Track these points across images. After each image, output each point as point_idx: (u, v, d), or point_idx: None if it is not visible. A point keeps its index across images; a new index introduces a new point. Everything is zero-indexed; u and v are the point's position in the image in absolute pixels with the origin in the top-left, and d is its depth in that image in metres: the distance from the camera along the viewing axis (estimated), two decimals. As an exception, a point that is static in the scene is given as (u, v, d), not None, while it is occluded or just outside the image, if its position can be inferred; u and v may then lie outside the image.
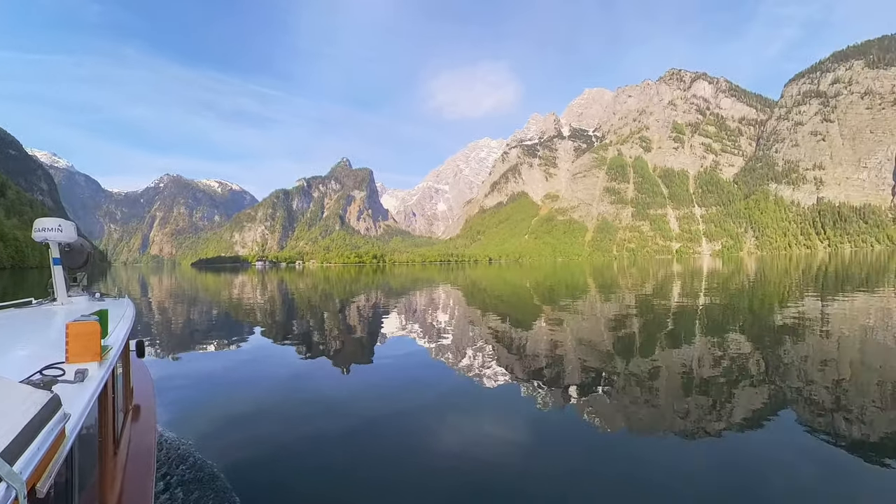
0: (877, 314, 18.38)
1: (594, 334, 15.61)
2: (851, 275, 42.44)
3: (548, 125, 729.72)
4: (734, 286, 35.31)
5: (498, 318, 19.81)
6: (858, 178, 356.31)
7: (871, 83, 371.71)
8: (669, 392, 9.04)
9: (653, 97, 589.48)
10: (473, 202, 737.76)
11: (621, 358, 11.91)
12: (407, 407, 8.26)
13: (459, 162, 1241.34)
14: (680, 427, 7.23)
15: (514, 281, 50.63)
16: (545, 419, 7.79)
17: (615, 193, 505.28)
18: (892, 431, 6.83)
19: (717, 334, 15.01)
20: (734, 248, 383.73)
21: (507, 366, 11.21)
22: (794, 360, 11.27)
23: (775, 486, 5.38)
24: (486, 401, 8.82)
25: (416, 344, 14.21)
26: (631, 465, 6.03)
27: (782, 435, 6.80)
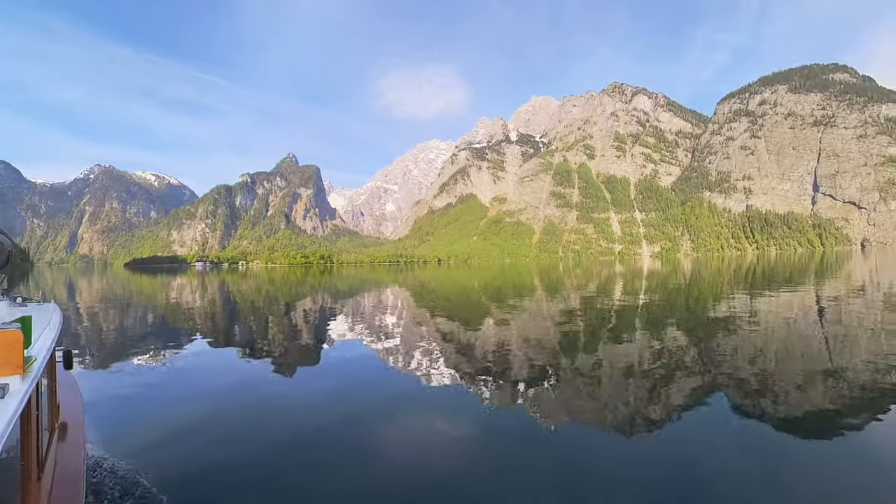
0: (798, 308, 20.21)
1: (540, 332, 15.83)
2: (776, 274, 45.94)
3: (496, 129, 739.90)
4: (672, 285, 37.20)
5: (447, 319, 19.68)
6: (783, 188, 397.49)
7: (794, 106, 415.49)
8: (612, 384, 9.38)
9: (596, 108, 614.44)
10: (422, 203, 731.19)
11: (566, 354, 12.16)
12: (355, 411, 8.04)
13: (408, 162, 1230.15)
14: (622, 417, 7.57)
15: (462, 281, 50.85)
16: (493, 416, 7.84)
17: (561, 197, 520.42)
18: (811, 411, 7.53)
19: (656, 329, 15.82)
20: (672, 250, 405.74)
21: (456, 365, 11.14)
22: (726, 350, 12.15)
23: (709, 466, 5.72)
24: (435, 401, 8.76)
25: (365, 346, 13.90)
26: (576, 456, 6.22)
27: (715, 419, 7.35)
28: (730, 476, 5.48)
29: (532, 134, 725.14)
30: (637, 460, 6.03)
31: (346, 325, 18.19)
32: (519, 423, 7.46)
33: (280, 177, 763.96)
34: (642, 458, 6.07)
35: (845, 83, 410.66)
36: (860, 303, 21.31)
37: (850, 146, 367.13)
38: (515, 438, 6.89)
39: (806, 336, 13.89)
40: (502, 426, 7.38)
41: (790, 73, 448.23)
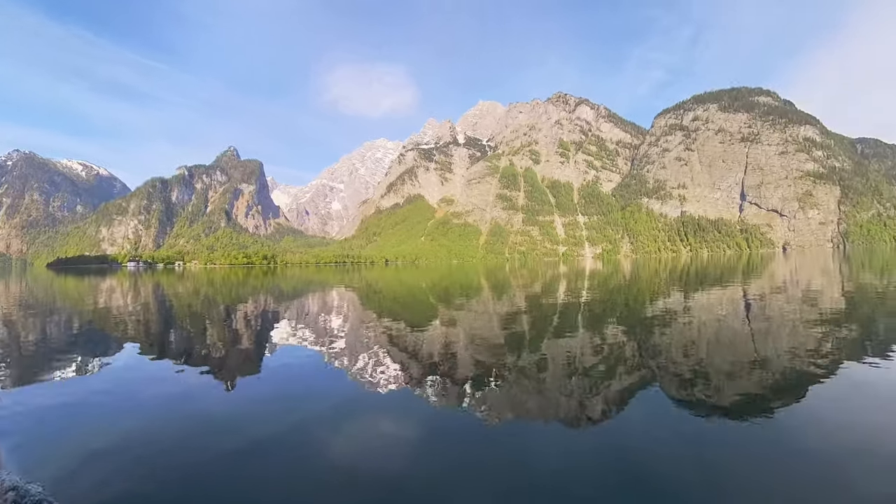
0: (727, 304, 21.89)
1: (487, 332, 15.92)
2: (708, 274, 49.27)
3: (444, 131, 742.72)
4: (612, 284, 38.67)
5: (393, 320, 19.32)
6: (714, 197, 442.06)
7: (723, 123, 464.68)
8: (556, 380, 9.58)
9: (541, 115, 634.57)
10: (369, 202, 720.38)
11: (512, 352, 12.25)
12: (298, 419, 7.72)
13: (355, 161, 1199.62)
14: (566, 411, 7.81)
15: (410, 282, 50.54)
16: (440, 417, 7.79)
17: (507, 200, 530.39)
18: (738, 397, 8.26)
19: (597, 326, 16.38)
20: (613, 252, 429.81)
21: (402, 367, 11.01)
22: (662, 344, 12.92)
23: (648, 453, 6.10)
24: (381, 404, 8.58)
25: (309, 351, 13.38)
26: (521, 452, 6.30)
27: (653, 408, 7.84)
28: (667, 460, 5.93)
29: (479, 137, 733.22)
30: (581, 452, 6.28)
31: (289, 329, 17.44)
32: (465, 423, 7.46)
33: (220, 171, 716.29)
34: (585, 450, 6.33)
35: (768, 105, 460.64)
36: (782, 298, 23.43)
37: (773, 161, 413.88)
38: (462, 438, 6.84)
39: (734, 329, 15.16)
40: (449, 426, 7.33)
41: (720, 93, 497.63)
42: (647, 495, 5.20)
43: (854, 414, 7.40)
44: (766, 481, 5.36)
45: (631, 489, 5.32)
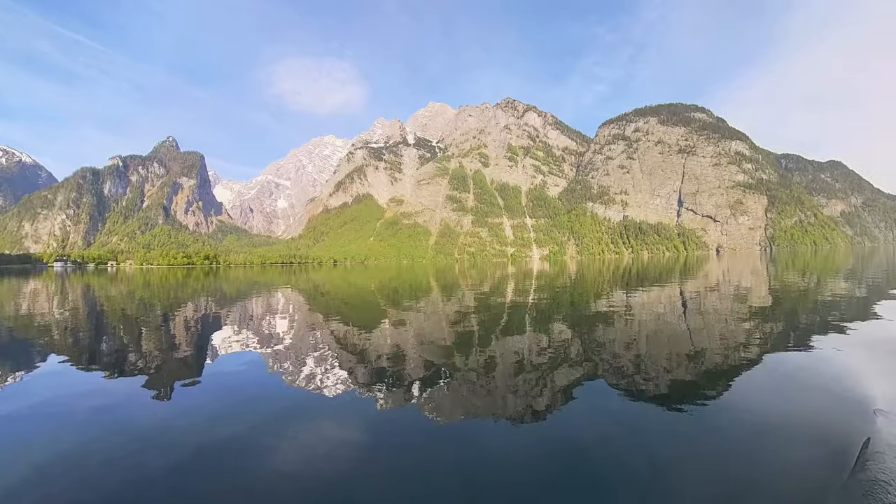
0: (665, 301, 23.35)
1: (436, 332, 15.87)
2: (648, 274, 51.81)
3: (393, 131, 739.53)
4: (559, 284, 39.62)
5: (341, 322, 18.90)
6: (653, 203, 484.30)
7: (662, 135, 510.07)
8: (503, 378, 9.73)
9: (491, 120, 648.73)
10: (317, 201, 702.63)
11: (460, 352, 12.29)
12: (240, 428, 7.33)
13: (302, 157, 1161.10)
14: (513, 408, 7.95)
15: (358, 283, 49.50)
16: (388, 419, 7.68)
17: (457, 202, 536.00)
18: (675, 387, 8.85)
19: (544, 324, 16.83)
20: (559, 253, 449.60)
21: (350, 370, 10.77)
22: (605, 340, 13.55)
23: (592, 443, 6.42)
24: (327, 409, 8.33)
25: (252, 356, 12.76)
26: (469, 450, 6.31)
27: (597, 400, 8.22)
28: (609, 449, 6.26)
29: (429, 139, 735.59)
30: (528, 446, 6.44)
31: (231, 334, 16.59)
32: (413, 424, 7.41)
33: (158, 163, 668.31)
34: (532, 444, 6.49)
35: (703, 121, 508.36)
36: (715, 296, 25.27)
37: (708, 172, 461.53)
38: (410, 439, 6.78)
39: (672, 324, 16.30)
40: (397, 428, 7.25)
41: (659, 108, 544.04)
42: (591, 482, 5.41)
43: (779, 397, 8.28)
44: (701, 462, 5.86)
45: (576, 478, 5.49)
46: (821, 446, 6.15)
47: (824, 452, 5.94)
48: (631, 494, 5.24)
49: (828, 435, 6.53)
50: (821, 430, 6.73)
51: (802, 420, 7.22)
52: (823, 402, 8.01)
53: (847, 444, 6.13)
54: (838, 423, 6.98)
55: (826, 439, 6.40)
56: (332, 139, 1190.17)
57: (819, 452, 5.98)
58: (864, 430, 6.57)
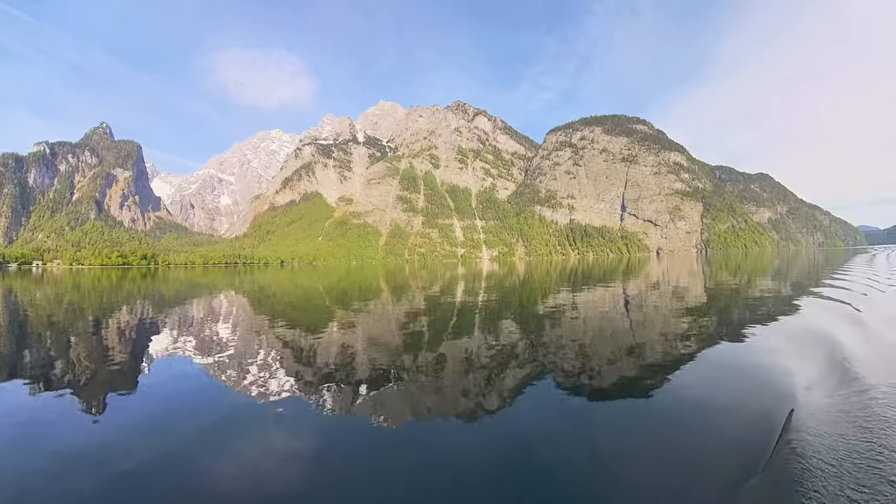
0: (609, 300, 24.60)
1: (385, 334, 15.74)
2: (593, 274, 54.09)
3: (343, 128, 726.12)
4: (508, 284, 40.63)
5: (288, 326, 18.24)
6: (598, 207, 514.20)
7: (607, 144, 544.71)
8: (453, 378, 9.81)
9: (441, 121, 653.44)
10: (263, 198, 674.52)
11: (410, 353, 12.27)
12: (179, 443, 6.83)
13: (247, 151, 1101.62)
14: (463, 407, 8.05)
15: (306, 284, 48.50)
16: (336, 425, 7.49)
17: (407, 202, 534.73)
18: (619, 380, 9.51)
19: (493, 324, 17.22)
20: (508, 254, 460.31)
21: (297, 375, 10.43)
22: (552, 337, 14.10)
23: (540, 438, 6.72)
24: (273, 416, 7.96)
25: (192, 364, 11.95)
26: (420, 451, 6.29)
27: (544, 396, 8.54)
28: (556, 442, 6.51)
29: (379, 138, 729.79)
30: (478, 444, 6.51)
31: (170, 340, 15.58)
32: (363, 428, 7.29)
33: (90, 151, 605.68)
34: (482, 442, 6.58)
35: (644, 133, 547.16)
36: (655, 294, 27.26)
37: (649, 180, 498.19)
38: (360, 444, 6.68)
39: (615, 321, 17.35)
40: (346, 433, 7.10)
41: (604, 118, 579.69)
42: (539, 476, 5.51)
43: (713, 384, 9.19)
44: (642, 448, 6.28)
45: (525, 472, 5.60)
46: (752, 421, 7.06)
47: (755, 426, 6.76)
48: (576, 484, 5.41)
49: (758, 411, 7.35)
50: (751, 408, 7.53)
51: (735, 402, 8.02)
52: (753, 384, 9.04)
53: (774, 416, 7.12)
54: (766, 400, 7.90)
55: (756, 415, 7.22)
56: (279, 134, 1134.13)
57: (750, 426, 6.79)
58: (788, 404, 7.49)
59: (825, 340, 12.19)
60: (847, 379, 8.71)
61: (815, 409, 7.26)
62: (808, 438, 6.21)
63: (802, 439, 6.17)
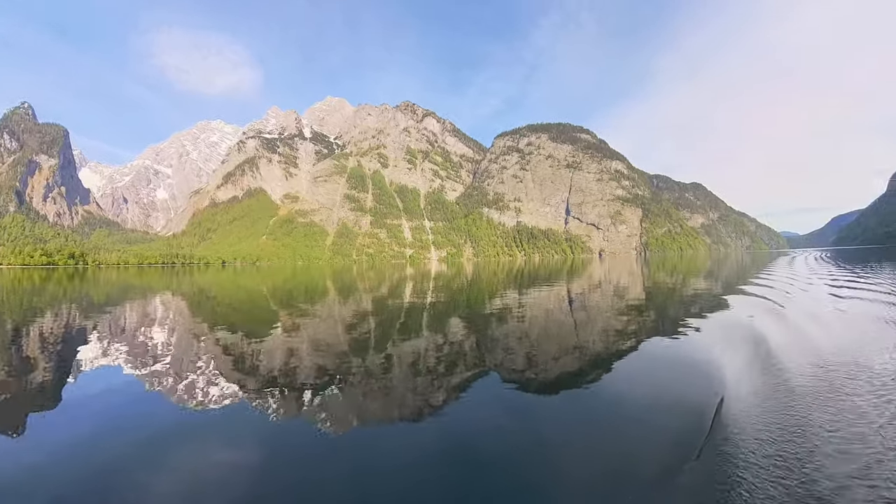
0: (554, 299, 25.48)
1: (332, 336, 15.48)
2: (539, 275, 55.55)
3: (289, 122, 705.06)
4: (456, 285, 40.86)
5: (229, 330, 17.37)
6: (544, 210, 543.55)
7: (552, 151, 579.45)
8: (400, 379, 9.83)
9: (390, 121, 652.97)
10: (203, 193, 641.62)
11: (357, 355, 12.13)
12: (111, 461, 6.29)
13: (186, 142, 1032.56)
14: (409, 409, 8.07)
15: (249, 286, 46.47)
16: (281, 432, 7.27)
17: (355, 201, 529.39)
18: (562, 375, 9.88)
19: (441, 324, 17.35)
20: (457, 255, 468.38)
21: (238, 382, 10.00)
22: (499, 336, 14.49)
23: (487, 434, 6.88)
24: (213, 427, 7.56)
25: (124, 375, 11.01)
26: (367, 457, 6.22)
27: (490, 394, 8.77)
28: (503, 439, 6.67)
29: (326, 134, 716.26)
30: (425, 445, 6.55)
31: (100, 349, 14.29)
32: (309, 434, 7.14)
33: (9, 134, 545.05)
34: (430, 443, 6.62)
35: (588, 141, 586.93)
36: (598, 293, 28.46)
37: (592, 186, 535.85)
38: (306, 451, 6.53)
39: (559, 319, 18.14)
40: (291, 440, 6.92)
41: (549, 126, 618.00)
42: (486, 473, 5.63)
43: (651, 376, 9.81)
44: (586, 440, 6.63)
45: (472, 470, 5.68)
46: (686, 410, 7.47)
47: (689, 415, 7.27)
48: (521, 477, 5.58)
49: (692, 401, 7.90)
50: (685, 398, 8.13)
51: (670, 393, 8.60)
52: (687, 376, 9.71)
53: (706, 405, 7.57)
54: (699, 390, 8.53)
55: (690, 404, 7.66)
56: (221, 125, 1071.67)
57: (685, 415, 7.29)
58: (719, 393, 8.11)
59: (752, 334, 13.50)
60: (771, 368, 9.68)
61: (743, 397, 7.97)
62: (737, 424, 6.69)
63: (732, 425, 6.65)
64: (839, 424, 6.72)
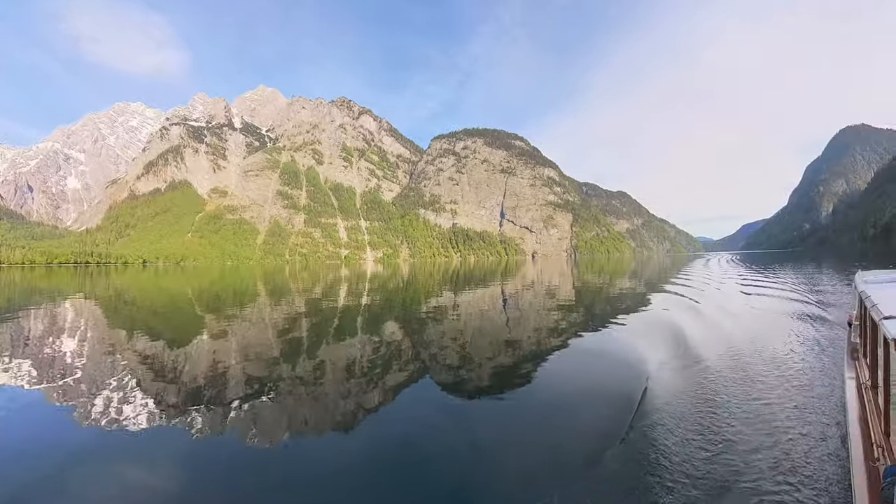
0: (489, 299, 27.10)
1: (262, 342, 14.85)
2: (474, 275, 57.77)
3: (217, 110, 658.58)
4: (392, 286, 41.29)
5: (150, 339, 15.85)
6: (480, 213, 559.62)
7: (488, 155, 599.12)
8: (333, 385, 9.73)
9: (325, 116, 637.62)
10: (121, 184, 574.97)
11: (288, 362, 11.80)
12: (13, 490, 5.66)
13: (102, 125, 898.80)
14: (343, 414, 8.04)
15: (173, 289, 43.66)
16: (206, 450, 6.77)
17: (288, 198, 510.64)
18: (496, 372, 10.46)
19: (376, 326, 17.58)
20: (393, 256, 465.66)
21: (158, 397, 9.10)
22: (434, 336, 14.93)
23: (422, 436, 6.98)
24: (130, 450, 6.84)
25: (27, 393, 9.65)
26: (297, 469, 6.07)
27: (426, 394, 9.08)
28: (438, 438, 6.85)
29: (258, 126, 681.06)
30: (358, 451, 6.56)
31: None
32: (235, 449, 6.79)
33: None
34: (363, 448, 6.66)
35: (522, 148, 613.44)
36: (531, 293, 30.46)
37: (525, 191, 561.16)
38: (231, 466, 6.24)
39: (493, 319, 19.13)
40: (216, 457, 6.52)
41: (485, 131, 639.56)
42: (419, 473, 5.74)
43: (580, 370, 10.63)
44: (518, 435, 6.97)
45: (406, 471, 5.78)
46: (613, 399, 8.18)
47: (616, 403, 7.94)
48: (457, 473, 5.70)
49: (618, 390, 8.62)
50: (613, 388, 8.83)
51: (599, 384, 9.34)
52: (614, 368, 10.59)
53: (632, 393, 8.32)
54: (625, 380, 9.29)
55: (617, 393, 8.43)
56: (142, 108, 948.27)
57: (612, 404, 7.93)
58: (643, 382, 8.92)
59: (671, 327, 15.14)
60: (688, 357, 10.86)
61: (664, 384, 8.85)
62: (659, 409, 7.42)
63: (654, 410, 7.35)
64: (747, 401, 7.64)
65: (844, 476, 5.17)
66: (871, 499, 3.65)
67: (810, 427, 6.59)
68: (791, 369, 9.44)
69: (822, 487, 5.10)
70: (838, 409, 7.07)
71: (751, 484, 5.20)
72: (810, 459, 5.68)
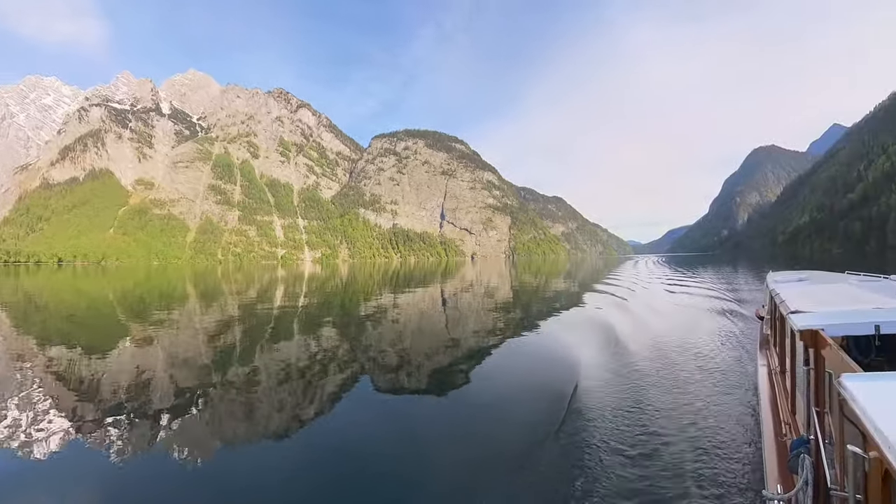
0: (429, 300, 27.53)
1: (191, 349, 14.08)
2: (415, 276, 58.47)
3: (143, 93, 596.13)
4: (330, 287, 40.88)
5: (64, 347, 14.53)
6: (420, 214, 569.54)
7: (429, 157, 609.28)
8: (267, 393, 9.38)
9: (262, 107, 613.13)
10: (32, 170, 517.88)
11: (219, 369, 11.31)
12: None
13: (10, 101, 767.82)
14: (276, 424, 7.77)
15: (93, 292, 40.51)
16: (125, 470, 6.21)
17: (221, 193, 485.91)
18: (436, 373, 10.75)
19: (313, 329, 17.41)
20: (332, 256, 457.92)
21: (74, 413, 8.23)
22: (374, 339, 15.11)
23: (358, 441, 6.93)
24: (41, 476, 6.13)
25: None
26: (228, 483, 5.84)
27: (364, 398, 9.16)
28: (377, 441, 6.85)
29: (189, 113, 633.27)
30: (293, 459, 6.39)
31: None
32: (159, 468, 6.30)
33: None
34: (298, 457, 6.48)
35: (462, 151, 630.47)
36: (469, 294, 31.59)
37: (465, 193, 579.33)
38: (156, 485, 5.81)
39: (433, 320, 19.61)
40: (140, 480, 5.97)
41: (426, 133, 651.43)
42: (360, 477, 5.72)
43: (516, 368, 11.18)
44: (456, 432, 7.22)
45: (346, 477, 5.73)
46: (547, 395, 8.50)
47: (550, 399, 8.27)
48: (396, 475, 5.77)
49: (552, 387, 8.94)
50: (546, 385, 9.16)
51: (534, 381, 9.78)
52: (548, 365, 11.16)
53: (564, 389, 8.68)
54: (558, 377, 9.67)
55: (551, 390, 8.77)
56: (57, 84, 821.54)
57: (546, 400, 8.28)
58: (574, 379, 9.34)
59: (602, 325, 16.17)
60: (617, 353, 11.64)
61: (594, 379, 9.31)
62: (590, 402, 7.91)
63: (585, 405, 7.78)
64: (671, 390, 8.44)
65: (757, 452, 5.60)
66: (780, 470, 3.99)
67: (728, 409, 7.37)
68: (712, 360, 10.45)
69: (738, 461, 5.60)
70: (752, 393, 7.90)
71: (675, 464, 5.58)
72: (727, 438, 6.26)
